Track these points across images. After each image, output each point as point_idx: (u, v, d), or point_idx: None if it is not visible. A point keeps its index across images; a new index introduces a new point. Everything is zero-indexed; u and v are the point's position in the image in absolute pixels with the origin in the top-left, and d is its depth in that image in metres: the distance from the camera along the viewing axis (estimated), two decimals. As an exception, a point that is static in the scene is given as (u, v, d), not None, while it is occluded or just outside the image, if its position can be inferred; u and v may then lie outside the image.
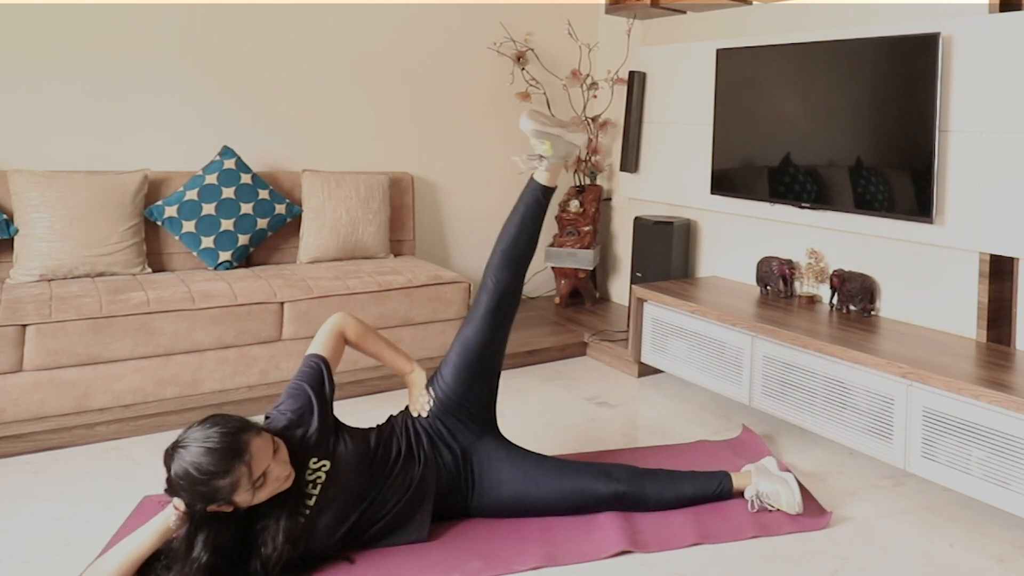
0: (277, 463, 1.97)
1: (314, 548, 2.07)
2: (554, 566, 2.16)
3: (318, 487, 2.08)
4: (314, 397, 2.17)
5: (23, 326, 2.82)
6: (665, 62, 4.28)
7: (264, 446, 1.95)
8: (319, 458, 2.11)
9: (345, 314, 2.40)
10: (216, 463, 1.86)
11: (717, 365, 3.33)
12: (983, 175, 2.90)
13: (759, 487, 2.45)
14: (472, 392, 2.39)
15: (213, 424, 1.94)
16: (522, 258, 2.49)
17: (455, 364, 2.40)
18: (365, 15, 4.26)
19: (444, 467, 2.31)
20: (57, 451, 2.80)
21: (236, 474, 1.87)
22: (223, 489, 1.87)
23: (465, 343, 2.41)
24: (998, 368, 2.65)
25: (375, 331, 2.45)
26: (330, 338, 2.32)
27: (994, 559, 2.28)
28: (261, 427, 2.03)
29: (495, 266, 2.45)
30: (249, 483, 1.90)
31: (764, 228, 3.82)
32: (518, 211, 2.51)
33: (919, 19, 3.14)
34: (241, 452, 1.89)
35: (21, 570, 2.10)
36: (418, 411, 2.38)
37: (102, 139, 3.63)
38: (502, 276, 2.44)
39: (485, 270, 2.48)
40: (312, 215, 3.85)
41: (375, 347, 2.43)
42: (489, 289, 2.43)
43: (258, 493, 1.93)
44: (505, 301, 2.44)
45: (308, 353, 2.29)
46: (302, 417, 2.14)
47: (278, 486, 1.98)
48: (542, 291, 4.92)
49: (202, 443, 1.89)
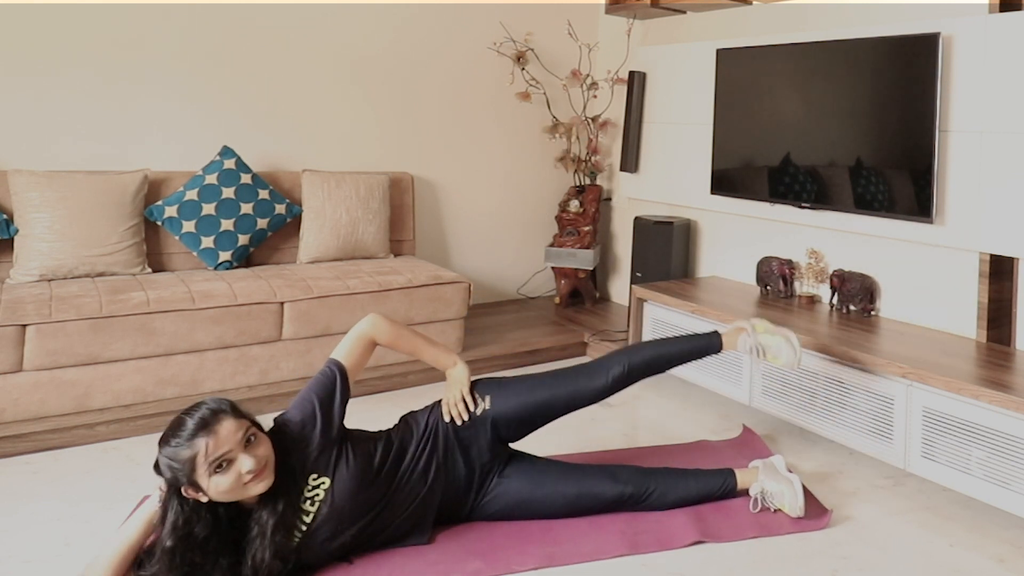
0: (247, 455, 1.89)
1: (311, 559, 2.05)
2: (554, 566, 2.16)
3: (316, 504, 2.03)
4: (319, 411, 2.09)
5: (23, 326, 2.82)
6: (665, 62, 4.28)
7: (234, 429, 1.89)
8: (319, 474, 2.06)
9: (377, 317, 2.28)
10: (182, 431, 1.86)
11: (717, 365, 3.33)
12: (983, 175, 2.91)
13: (765, 485, 2.44)
14: (521, 426, 2.37)
15: (209, 400, 1.95)
16: (644, 374, 2.52)
17: (531, 400, 2.35)
18: (365, 15, 4.26)
19: (454, 479, 2.27)
20: (57, 451, 2.80)
21: (195, 447, 1.84)
22: (186, 462, 1.84)
23: (556, 393, 2.38)
24: (998, 368, 2.65)
25: (409, 329, 2.37)
26: (356, 345, 2.23)
27: (994, 559, 2.27)
28: (247, 416, 1.96)
29: (633, 363, 2.47)
30: (206, 461, 1.83)
31: (764, 228, 3.82)
32: (682, 342, 2.57)
33: (919, 19, 3.14)
34: (207, 425, 1.86)
35: (21, 570, 2.10)
36: (454, 416, 2.29)
37: (102, 139, 3.63)
38: (628, 374, 2.46)
39: (623, 353, 2.50)
40: (312, 215, 3.85)
41: (410, 346, 2.35)
42: (614, 374, 2.43)
43: (220, 479, 1.85)
44: (612, 390, 2.46)
45: (331, 357, 2.21)
46: (304, 430, 2.07)
47: (242, 483, 1.88)
48: (542, 291, 4.92)
49: (183, 414, 1.91)
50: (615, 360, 2.48)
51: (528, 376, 2.47)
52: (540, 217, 4.94)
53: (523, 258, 4.89)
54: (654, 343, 2.68)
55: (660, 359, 2.56)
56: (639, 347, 2.61)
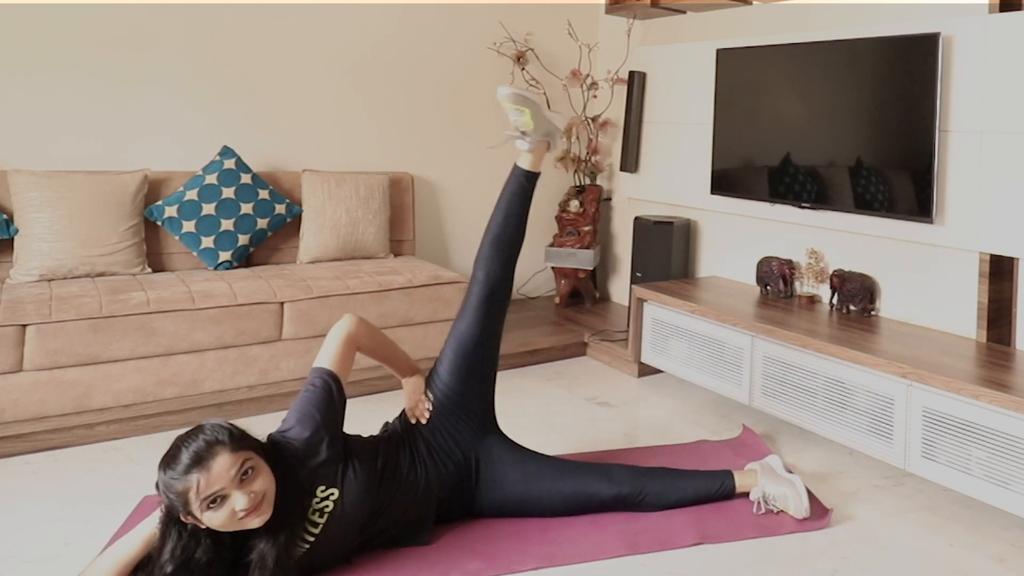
0: (241, 492, 1.81)
1: (316, 566, 2.04)
2: (554, 566, 2.16)
3: (325, 515, 2.01)
4: (324, 426, 2.05)
5: (23, 326, 2.82)
6: (665, 62, 4.28)
7: (228, 465, 1.81)
8: (327, 486, 2.03)
9: (355, 320, 2.25)
10: (176, 464, 1.80)
11: (717, 365, 3.33)
12: (983, 175, 2.90)
13: (766, 488, 2.43)
14: (470, 388, 2.35)
15: (209, 427, 1.88)
16: (511, 247, 2.45)
17: (451, 360, 2.35)
18: (365, 15, 4.26)
19: (447, 476, 2.28)
20: (57, 451, 2.80)
21: (188, 483, 1.78)
22: (180, 495, 1.79)
23: (459, 338, 2.36)
24: (998, 368, 2.65)
25: (383, 334, 2.37)
26: (341, 348, 2.18)
27: (994, 559, 2.27)
28: (247, 445, 1.89)
29: (484, 257, 2.42)
30: (198, 498, 1.78)
31: (764, 228, 3.82)
32: (503, 199, 2.48)
33: (919, 19, 3.14)
34: (200, 462, 1.79)
35: (21, 570, 2.10)
36: (417, 417, 2.32)
37: (102, 139, 3.63)
38: (492, 267, 2.40)
39: (475, 263, 2.45)
40: (312, 215, 3.85)
41: (385, 353, 2.36)
42: (480, 281, 2.40)
43: (213, 515, 1.80)
44: (497, 292, 2.40)
45: (317, 366, 2.15)
46: (311, 446, 2.03)
47: (237, 519, 1.82)
48: (542, 291, 4.92)
49: (181, 441, 1.85)
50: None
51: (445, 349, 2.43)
52: (540, 217, 4.92)
53: (523, 258, 4.75)
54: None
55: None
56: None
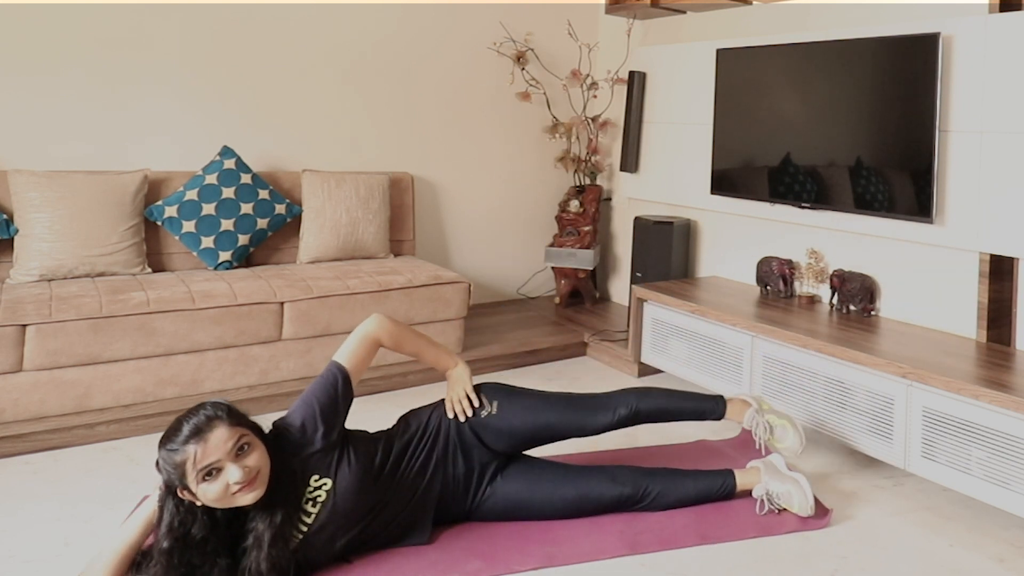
0: (236, 465, 1.86)
1: (311, 560, 2.05)
2: (554, 566, 2.16)
3: (318, 505, 2.03)
4: (321, 413, 2.08)
5: (23, 326, 2.82)
6: (665, 62, 4.28)
7: (225, 438, 1.87)
8: (320, 475, 2.06)
9: (381, 318, 2.27)
10: (177, 435, 1.86)
11: (717, 365, 3.33)
12: (983, 175, 2.91)
13: (769, 487, 2.43)
14: (515, 446, 2.36)
15: (209, 404, 1.94)
16: (644, 422, 2.50)
17: (533, 422, 2.34)
18: (365, 15, 4.26)
19: (454, 477, 2.28)
20: (57, 451, 2.80)
21: (185, 454, 1.84)
22: (177, 466, 1.84)
23: (560, 423, 2.37)
24: (998, 368, 2.65)
25: (411, 329, 2.37)
26: (360, 346, 2.22)
27: (994, 559, 2.28)
28: (245, 422, 1.95)
29: (641, 413, 2.45)
30: (194, 469, 1.83)
31: (764, 228, 3.82)
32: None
33: (919, 19, 3.14)
34: (199, 433, 1.85)
35: (21, 570, 2.10)
36: (456, 412, 2.30)
37: (102, 139, 3.63)
38: (625, 421, 2.44)
39: (627, 395, 2.47)
40: (312, 215, 3.85)
41: (414, 347, 2.36)
42: (619, 415, 2.42)
43: (208, 488, 1.85)
44: (609, 429, 2.44)
45: (333, 359, 2.19)
46: (306, 433, 2.06)
47: (230, 493, 1.86)
48: (542, 291, 4.93)
49: (183, 417, 1.91)
50: (624, 400, 2.46)
51: (537, 392, 2.46)
52: (540, 217, 4.94)
53: (523, 258, 4.89)
54: (663, 393, 2.61)
55: (665, 413, 2.55)
56: (648, 393, 2.56)
